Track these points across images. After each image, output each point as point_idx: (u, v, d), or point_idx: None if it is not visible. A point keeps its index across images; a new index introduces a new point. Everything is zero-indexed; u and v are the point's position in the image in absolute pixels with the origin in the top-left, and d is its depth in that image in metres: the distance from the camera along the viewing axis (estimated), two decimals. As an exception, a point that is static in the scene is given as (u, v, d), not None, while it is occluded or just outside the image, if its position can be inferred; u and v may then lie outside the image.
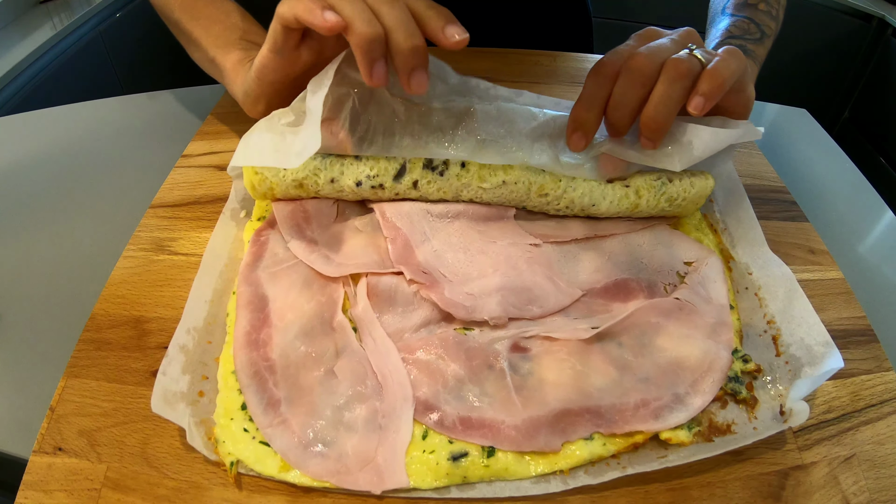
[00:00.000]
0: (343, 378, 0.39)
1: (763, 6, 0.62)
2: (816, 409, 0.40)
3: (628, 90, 0.44)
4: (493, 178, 0.46)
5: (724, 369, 0.40)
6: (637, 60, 0.43)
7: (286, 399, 0.38)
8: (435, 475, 0.35)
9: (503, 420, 0.37)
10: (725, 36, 0.59)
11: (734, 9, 0.63)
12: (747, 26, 0.60)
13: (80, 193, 0.60)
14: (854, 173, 0.68)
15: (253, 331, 0.41)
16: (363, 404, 0.38)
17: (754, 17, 0.61)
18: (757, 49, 0.58)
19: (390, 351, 0.40)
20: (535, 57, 0.79)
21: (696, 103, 0.43)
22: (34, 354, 0.46)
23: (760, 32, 0.60)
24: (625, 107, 0.44)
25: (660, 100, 0.43)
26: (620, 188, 0.47)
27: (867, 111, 1.76)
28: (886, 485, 0.37)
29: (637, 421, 0.37)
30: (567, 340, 0.41)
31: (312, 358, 0.40)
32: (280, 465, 0.35)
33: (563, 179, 0.47)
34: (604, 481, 0.36)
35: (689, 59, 0.43)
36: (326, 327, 0.42)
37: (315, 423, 0.37)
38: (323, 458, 0.35)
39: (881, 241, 0.59)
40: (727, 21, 0.61)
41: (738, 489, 0.36)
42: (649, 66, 0.43)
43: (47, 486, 0.35)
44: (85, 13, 1.47)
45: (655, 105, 0.43)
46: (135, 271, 0.47)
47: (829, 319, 0.46)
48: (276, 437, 0.36)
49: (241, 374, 0.39)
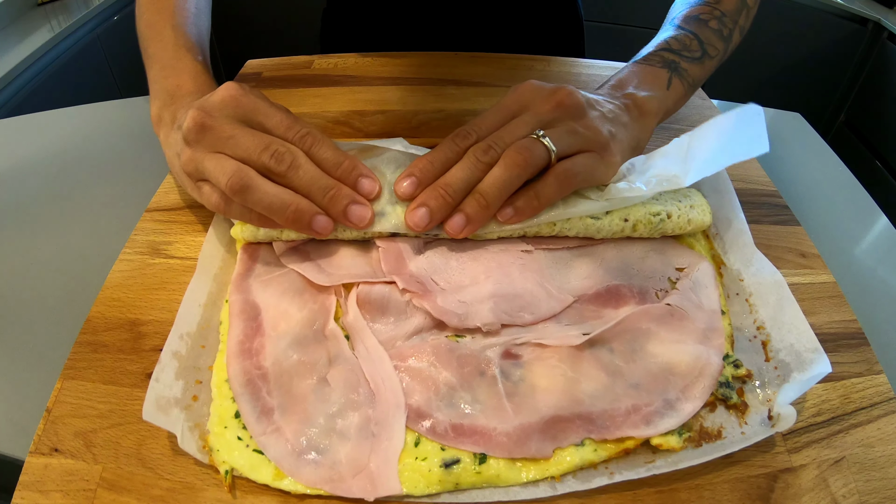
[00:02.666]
0: (336, 386, 0.39)
1: (714, 24, 0.59)
2: (806, 412, 0.40)
3: (462, 168, 0.44)
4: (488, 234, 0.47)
5: (714, 375, 0.40)
6: (479, 147, 0.44)
7: (279, 407, 0.38)
8: (427, 482, 0.35)
9: (495, 427, 0.37)
10: (661, 48, 0.56)
11: (682, 21, 0.59)
12: (689, 42, 0.57)
13: (77, 197, 0.61)
14: (847, 177, 0.68)
15: (246, 339, 0.41)
16: (356, 412, 0.38)
17: (700, 34, 0.58)
18: (692, 68, 0.56)
19: (383, 359, 0.40)
20: (528, 62, 0.80)
21: (505, 213, 0.44)
22: (30, 357, 0.46)
23: (702, 51, 0.57)
24: (456, 186, 0.43)
25: (493, 180, 0.43)
26: (618, 222, 0.48)
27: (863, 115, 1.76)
28: (876, 487, 0.37)
29: (628, 427, 0.37)
30: (558, 347, 0.41)
31: (305, 366, 0.40)
32: (274, 473, 0.35)
33: (557, 223, 0.47)
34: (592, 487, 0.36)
35: (530, 147, 0.43)
36: (319, 336, 0.42)
37: (308, 430, 0.37)
38: (316, 466, 0.36)
39: (874, 245, 0.60)
40: (670, 33, 0.58)
41: (727, 492, 0.36)
42: (489, 152, 0.44)
43: (44, 487, 0.35)
44: (83, 16, 1.47)
45: (489, 184, 0.43)
46: (131, 275, 0.47)
47: (820, 323, 0.46)
48: (269, 445, 0.36)
49: (234, 383, 0.39)
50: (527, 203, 0.44)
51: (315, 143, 0.44)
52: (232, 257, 0.48)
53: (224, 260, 0.48)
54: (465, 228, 0.44)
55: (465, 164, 0.44)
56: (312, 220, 0.42)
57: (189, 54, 0.56)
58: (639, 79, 0.53)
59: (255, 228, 0.46)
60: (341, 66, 0.77)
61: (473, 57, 0.80)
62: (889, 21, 1.59)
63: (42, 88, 1.34)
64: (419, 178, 0.44)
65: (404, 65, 0.78)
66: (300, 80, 0.74)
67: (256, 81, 0.74)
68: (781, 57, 1.77)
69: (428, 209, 0.43)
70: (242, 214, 0.44)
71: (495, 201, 0.43)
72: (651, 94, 0.52)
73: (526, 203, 0.44)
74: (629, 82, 0.53)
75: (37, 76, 1.33)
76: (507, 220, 0.44)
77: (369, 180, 0.44)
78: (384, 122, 0.67)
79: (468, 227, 0.44)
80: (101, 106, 0.75)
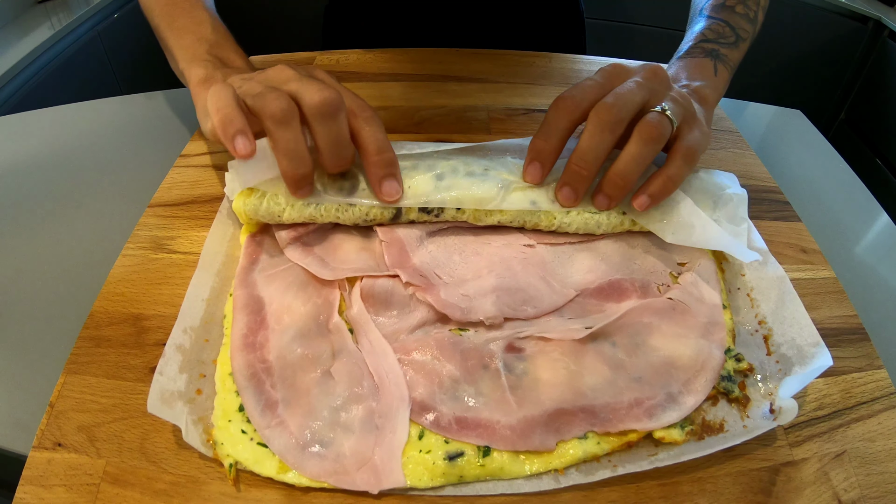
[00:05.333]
0: (340, 379, 0.39)
1: (740, 8, 0.62)
2: (807, 407, 0.41)
3: (597, 136, 0.43)
4: (489, 218, 0.47)
5: (716, 368, 0.40)
6: (606, 108, 0.43)
7: (283, 400, 0.38)
8: (431, 475, 0.35)
9: (498, 420, 0.37)
10: (699, 39, 0.59)
11: (711, 10, 0.63)
12: (722, 29, 0.60)
13: (80, 193, 0.61)
14: (848, 174, 0.69)
15: (250, 333, 0.41)
16: (360, 405, 0.38)
17: (730, 21, 0.61)
18: (730, 53, 0.58)
19: (386, 352, 0.40)
20: (529, 58, 0.80)
21: (641, 202, 0.45)
22: (33, 352, 0.46)
23: (735, 36, 0.60)
24: (592, 152, 0.44)
25: (631, 158, 0.43)
26: (616, 216, 0.48)
27: (863, 113, 1.76)
28: (877, 481, 0.37)
29: (631, 420, 0.37)
30: (561, 340, 0.41)
31: (309, 359, 0.40)
32: (278, 467, 0.36)
33: (557, 216, 0.47)
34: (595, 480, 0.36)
35: (661, 122, 0.43)
36: (323, 329, 0.42)
37: (312, 423, 0.37)
38: (321, 459, 0.36)
39: (874, 241, 0.60)
40: (702, 24, 0.61)
41: (729, 484, 0.36)
42: (618, 115, 0.43)
43: (47, 481, 0.35)
44: (83, 13, 1.47)
45: (626, 162, 0.43)
46: (134, 269, 0.47)
47: (821, 318, 0.46)
48: (273, 438, 0.36)
49: (238, 377, 0.39)
50: (663, 188, 0.45)
51: (372, 118, 0.45)
52: (235, 252, 0.48)
53: (227, 255, 0.48)
54: (609, 205, 0.46)
55: (593, 135, 0.43)
56: (300, 189, 0.44)
57: (230, 37, 0.58)
58: (688, 72, 0.55)
59: (257, 202, 0.46)
60: (343, 63, 0.77)
61: (475, 53, 0.80)
62: (890, 19, 1.59)
63: (43, 86, 1.33)
64: (542, 160, 0.46)
65: (406, 61, 0.78)
66: (301, 77, 0.74)
67: (258, 78, 0.74)
68: (783, 54, 1.77)
69: (571, 188, 0.45)
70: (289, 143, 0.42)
71: (633, 179, 0.44)
72: (704, 83, 0.54)
73: (662, 188, 0.45)
74: (680, 76, 0.55)
75: (38, 73, 1.33)
76: (644, 207, 0.45)
77: (395, 183, 0.45)
78: (386, 118, 0.66)
79: (611, 205, 0.46)
80: (102, 103, 0.75)
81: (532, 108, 0.69)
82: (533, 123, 0.67)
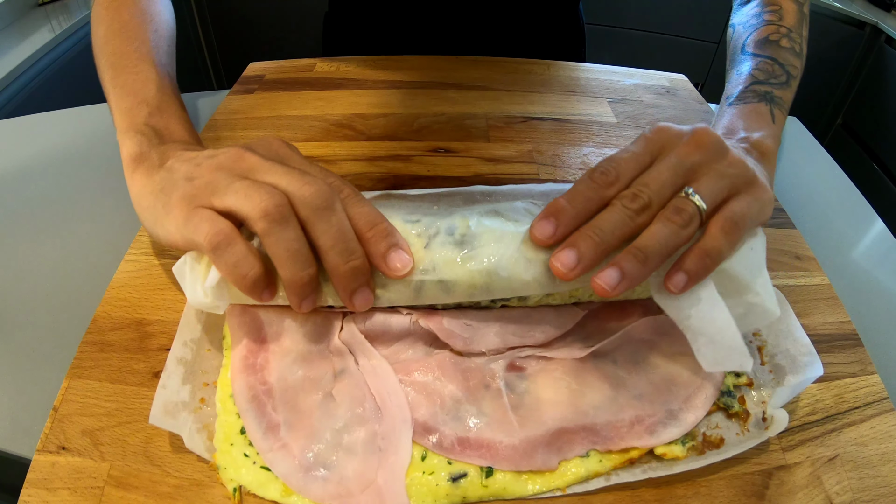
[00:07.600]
0: (342, 401, 0.39)
1: (786, 42, 0.58)
2: (800, 412, 0.41)
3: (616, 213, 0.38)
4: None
5: (716, 385, 0.40)
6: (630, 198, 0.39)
7: (285, 423, 0.38)
8: (435, 496, 0.36)
9: (501, 440, 0.37)
10: (750, 82, 0.54)
11: (755, 47, 0.58)
12: (772, 69, 0.55)
13: (81, 197, 0.61)
14: (843, 180, 0.69)
15: (250, 355, 0.41)
16: (362, 427, 0.38)
17: (778, 57, 0.56)
18: (784, 94, 0.54)
19: (388, 373, 0.40)
20: (528, 66, 0.80)
21: (676, 281, 0.37)
22: (37, 357, 0.46)
23: (787, 74, 0.55)
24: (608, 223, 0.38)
25: (650, 234, 0.38)
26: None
27: (860, 118, 1.78)
28: (869, 485, 0.38)
29: (632, 437, 0.38)
30: (562, 359, 0.41)
31: (310, 381, 0.40)
32: (282, 490, 0.35)
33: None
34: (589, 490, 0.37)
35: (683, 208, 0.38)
36: (324, 351, 0.42)
37: (315, 446, 0.37)
38: (324, 482, 0.35)
39: (869, 247, 0.60)
40: (750, 63, 0.56)
41: (723, 487, 0.37)
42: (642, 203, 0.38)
43: (51, 485, 0.35)
44: (84, 16, 1.47)
45: (646, 237, 0.38)
46: (136, 275, 0.48)
47: (815, 324, 0.47)
48: (277, 461, 0.36)
49: (239, 399, 0.38)
50: (699, 263, 0.37)
51: (352, 196, 0.40)
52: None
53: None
54: (619, 285, 0.36)
55: (614, 210, 0.38)
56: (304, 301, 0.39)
57: (176, 101, 0.53)
58: (745, 121, 0.51)
59: None
60: (343, 70, 0.78)
61: (474, 61, 0.80)
62: (886, 24, 1.60)
63: (43, 89, 1.34)
64: (558, 220, 0.39)
65: (406, 68, 0.78)
66: (302, 83, 0.75)
67: (259, 84, 0.75)
68: (779, 60, 1.78)
69: (577, 251, 0.37)
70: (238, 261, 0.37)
71: (655, 258, 0.37)
72: (763, 134, 0.49)
73: (698, 264, 0.37)
74: (737, 126, 0.51)
75: (38, 76, 1.33)
76: (680, 288, 0.37)
77: (402, 254, 0.39)
78: (386, 126, 0.67)
79: (622, 284, 0.36)
80: (104, 106, 0.75)
81: (531, 116, 0.70)
82: (531, 131, 0.67)
